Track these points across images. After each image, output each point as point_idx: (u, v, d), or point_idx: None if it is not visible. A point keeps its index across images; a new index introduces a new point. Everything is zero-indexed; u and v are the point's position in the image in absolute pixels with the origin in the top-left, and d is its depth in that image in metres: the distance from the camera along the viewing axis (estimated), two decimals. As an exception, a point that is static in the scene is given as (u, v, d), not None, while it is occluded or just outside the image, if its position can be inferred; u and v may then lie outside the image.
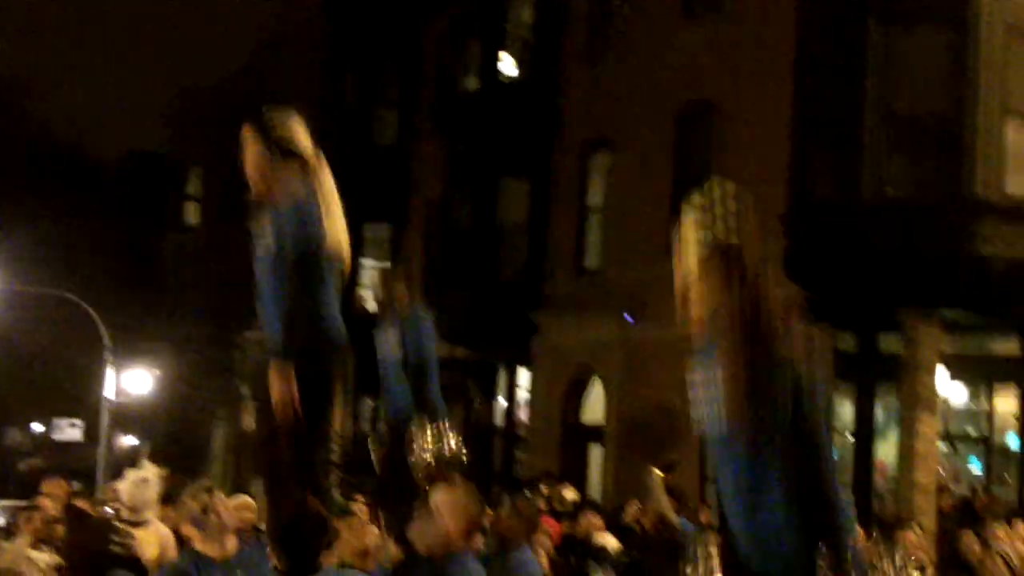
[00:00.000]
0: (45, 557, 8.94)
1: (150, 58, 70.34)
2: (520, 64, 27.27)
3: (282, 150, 5.87)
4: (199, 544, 6.60)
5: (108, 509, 10.40)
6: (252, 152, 5.93)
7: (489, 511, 9.24)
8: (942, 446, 18.88)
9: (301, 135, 5.93)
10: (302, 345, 5.64)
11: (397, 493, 8.67)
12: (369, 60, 32.24)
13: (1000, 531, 12.87)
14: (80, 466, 34.89)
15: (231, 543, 6.62)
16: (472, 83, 28.00)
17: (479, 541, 6.30)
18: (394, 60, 31.64)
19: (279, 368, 5.58)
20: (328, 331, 5.82)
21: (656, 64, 22.49)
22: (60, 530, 9.33)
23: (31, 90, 46.65)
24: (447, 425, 8.59)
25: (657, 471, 9.98)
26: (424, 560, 5.86)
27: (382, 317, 9.35)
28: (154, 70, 64.40)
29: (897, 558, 4.33)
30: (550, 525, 13.80)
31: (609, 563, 11.71)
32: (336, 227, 5.92)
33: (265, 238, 5.92)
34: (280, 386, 5.57)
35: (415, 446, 8.36)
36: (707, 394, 4.06)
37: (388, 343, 9.14)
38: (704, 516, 12.66)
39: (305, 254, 5.72)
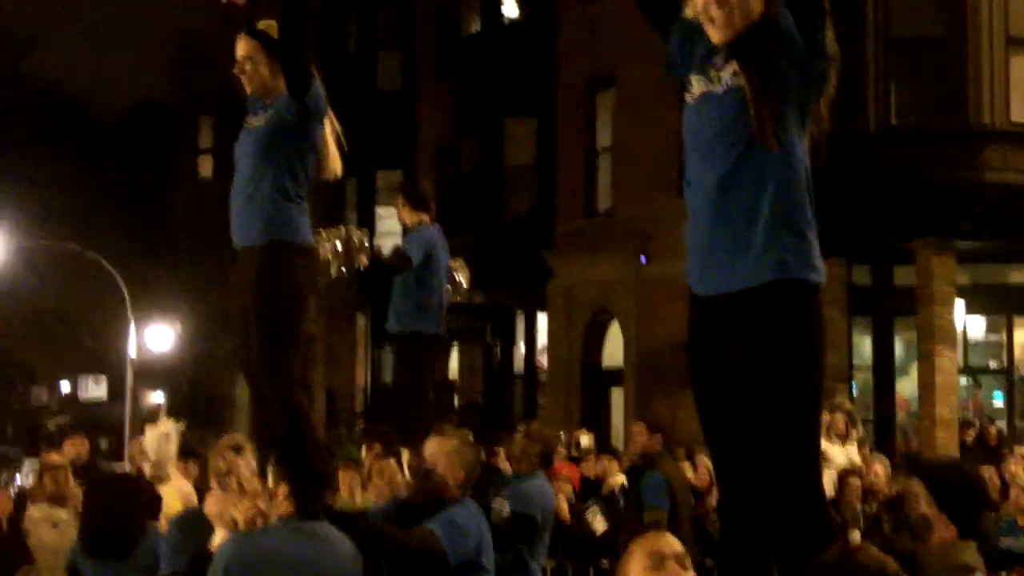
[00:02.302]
0: (62, 515, 9.04)
1: (150, 5, 70.07)
2: (520, 4, 27.11)
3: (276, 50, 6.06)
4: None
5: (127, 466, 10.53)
6: (246, 50, 6.10)
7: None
8: (962, 379, 18.85)
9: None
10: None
11: (409, 418, 8.80)
12: (369, 4, 32.14)
13: (1014, 465, 12.92)
14: (107, 423, 35.13)
15: None
16: (473, 25, 27.84)
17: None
18: (394, 4, 31.55)
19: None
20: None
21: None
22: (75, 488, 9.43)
23: (35, 46, 46.47)
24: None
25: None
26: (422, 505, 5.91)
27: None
28: (155, 17, 64.11)
29: None
30: (570, 471, 13.90)
31: (602, 499, 11.86)
32: (329, 141, 6.18)
33: (255, 123, 6.12)
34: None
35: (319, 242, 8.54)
36: None
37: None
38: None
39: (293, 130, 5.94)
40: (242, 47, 6.12)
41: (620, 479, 12.28)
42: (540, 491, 7.54)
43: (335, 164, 6.29)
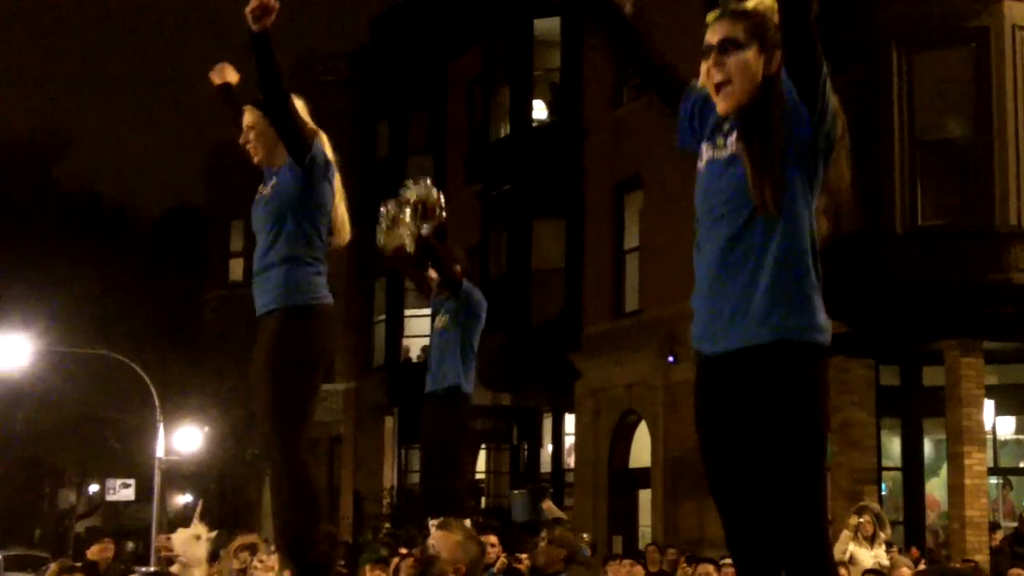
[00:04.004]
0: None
1: (187, 114, 71.17)
2: (548, 108, 27.51)
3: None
4: None
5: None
6: (253, 120, 6.05)
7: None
8: (992, 480, 18.70)
9: (300, 108, 6.01)
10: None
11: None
12: (399, 110, 32.57)
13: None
14: (134, 525, 35.10)
15: None
16: (503, 129, 28.18)
17: None
18: (424, 109, 31.97)
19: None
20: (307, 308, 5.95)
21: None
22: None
23: (68, 151, 47.13)
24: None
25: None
26: None
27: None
28: (190, 126, 65.19)
29: None
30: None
31: None
32: (339, 205, 6.16)
33: (264, 191, 6.12)
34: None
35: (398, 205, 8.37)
36: None
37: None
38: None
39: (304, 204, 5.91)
40: (247, 117, 6.10)
41: None
42: None
43: (344, 231, 6.28)
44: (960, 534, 17.47)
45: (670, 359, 22.54)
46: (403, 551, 10.89)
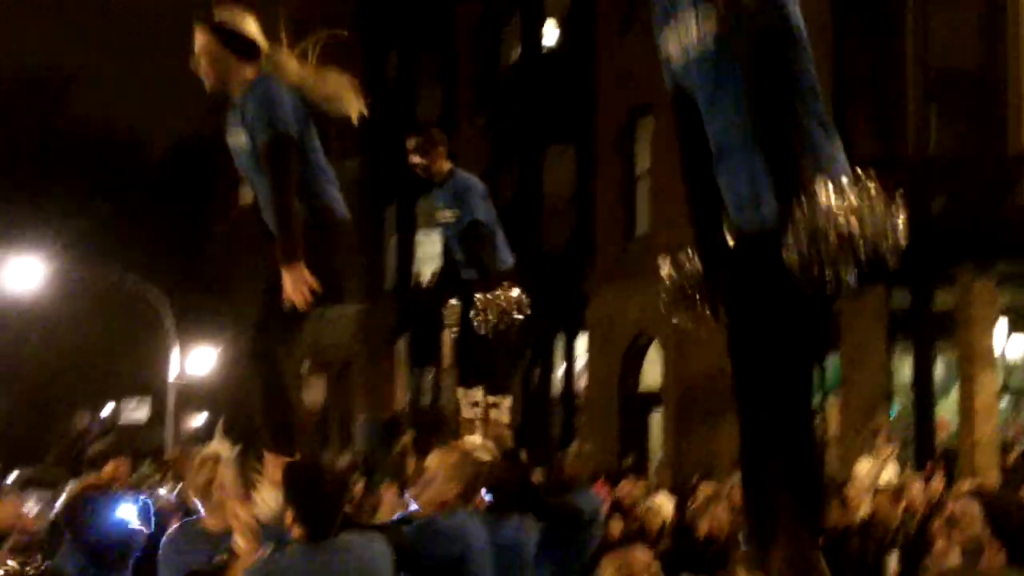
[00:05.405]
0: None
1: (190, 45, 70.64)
2: (559, 34, 27.30)
3: (235, 42, 5.74)
4: (206, 516, 6.37)
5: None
6: (205, 44, 5.74)
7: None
8: (1003, 402, 18.78)
9: (252, 26, 5.81)
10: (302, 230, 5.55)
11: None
12: (408, 39, 32.38)
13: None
14: (148, 447, 35.33)
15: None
16: (512, 55, 28.01)
17: (479, 502, 6.45)
18: (432, 37, 31.79)
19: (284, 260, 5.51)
20: (323, 210, 5.75)
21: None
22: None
23: (82, 82, 47.13)
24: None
25: None
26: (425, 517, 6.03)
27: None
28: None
29: None
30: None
31: None
32: (329, 78, 5.82)
33: (234, 136, 5.84)
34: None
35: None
36: None
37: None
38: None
39: (276, 137, 5.58)
40: (198, 39, 5.76)
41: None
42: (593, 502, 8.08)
43: (340, 100, 5.88)
44: (970, 454, 17.57)
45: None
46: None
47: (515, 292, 8.53)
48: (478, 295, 8.46)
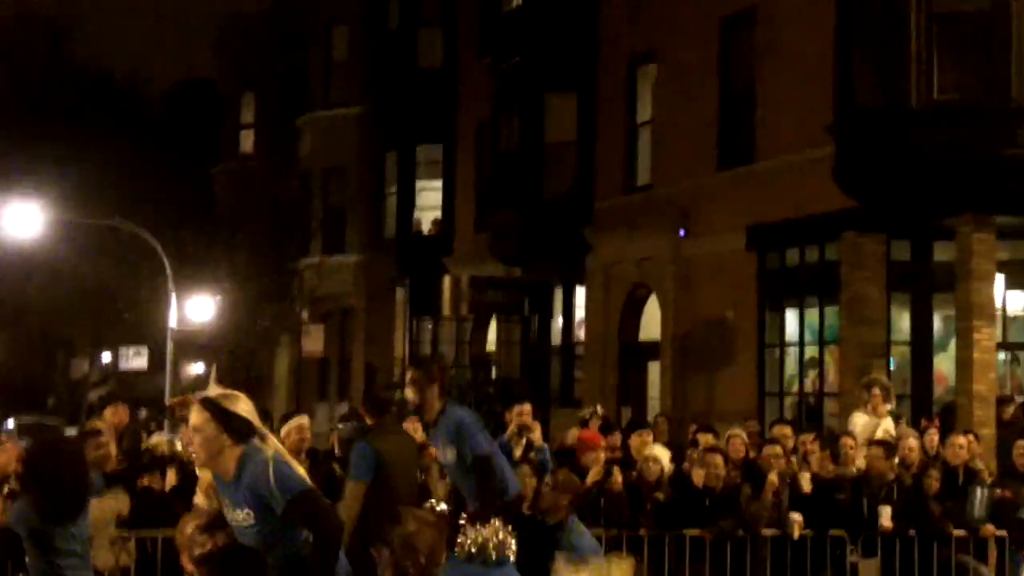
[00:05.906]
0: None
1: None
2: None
3: (234, 429, 5.87)
4: None
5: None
6: (200, 423, 5.89)
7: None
8: (1001, 355, 18.77)
9: (245, 406, 5.93)
10: None
11: None
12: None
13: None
14: (147, 394, 35.41)
15: None
16: (514, 1, 27.82)
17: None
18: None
19: None
20: None
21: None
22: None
23: (81, 26, 46.90)
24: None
25: None
26: None
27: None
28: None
29: None
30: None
31: None
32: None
33: (242, 519, 5.91)
34: None
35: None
36: None
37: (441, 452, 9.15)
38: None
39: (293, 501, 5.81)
40: (193, 417, 5.93)
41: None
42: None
43: None
44: (968, 408, 17.59)
45: (681, 233, 22.54)
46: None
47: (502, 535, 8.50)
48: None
